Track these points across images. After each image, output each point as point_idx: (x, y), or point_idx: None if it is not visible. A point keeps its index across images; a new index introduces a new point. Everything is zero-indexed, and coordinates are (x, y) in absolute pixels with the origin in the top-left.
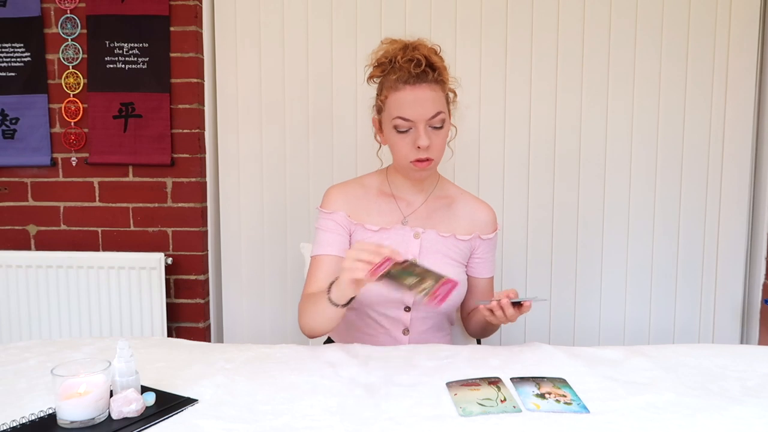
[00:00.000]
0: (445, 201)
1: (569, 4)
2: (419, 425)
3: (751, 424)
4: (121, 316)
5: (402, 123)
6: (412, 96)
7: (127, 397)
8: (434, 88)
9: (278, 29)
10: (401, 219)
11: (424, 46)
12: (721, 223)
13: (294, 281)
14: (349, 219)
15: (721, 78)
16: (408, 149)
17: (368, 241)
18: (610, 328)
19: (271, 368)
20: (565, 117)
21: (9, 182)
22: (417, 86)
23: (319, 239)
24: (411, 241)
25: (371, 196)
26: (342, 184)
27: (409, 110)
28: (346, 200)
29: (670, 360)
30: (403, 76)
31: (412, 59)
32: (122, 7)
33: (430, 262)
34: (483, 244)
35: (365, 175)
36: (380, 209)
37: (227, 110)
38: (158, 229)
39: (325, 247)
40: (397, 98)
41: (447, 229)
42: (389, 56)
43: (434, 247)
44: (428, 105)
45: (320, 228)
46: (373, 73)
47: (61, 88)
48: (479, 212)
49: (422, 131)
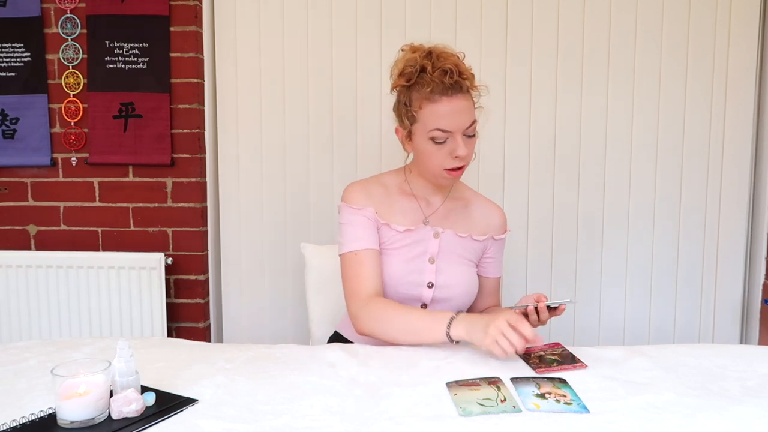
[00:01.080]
0: (462, 202)
1: (569, 3)
2: (419, 425)
3: (751, 424)
4: (121, 316)
5: (440, 135)
6: (449, 107)
7: (127, 397)
8: (467, 97)
9: (278, 29)
10: (423, 219)
11: (448, 54)
12: (721, 223)
13: (294, 281)
14: (377, 217)
15: (721, 77)
16: (444, 158)
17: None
18: (610, 328)
19: (271, 368)
20: (565, 116)
21: (9, 182)
22: (453, 97)
23: (351, 234)
24: (431, 240)
25: (393, 195)
26: (363, 182)
27: (447, 121)
28: (371, 196)
29: (670, 360)
30: (438, 87)
31: (445, 70)
32: (122, 7)
33: (447, 261)
34: (494, 245)
35: (383, 174)
36: (403, 209)
37: (227, 110)
38: (158, 229)
39: (361, 241)
40: (434, 110)
41: (464, 230)
42: (415, 65)
43: (451, 247)
44: (465, 115)
45: (349, 223)
46: (398, 81)
47: (61, 88)
48: (492, 214)
49: (460, 141)
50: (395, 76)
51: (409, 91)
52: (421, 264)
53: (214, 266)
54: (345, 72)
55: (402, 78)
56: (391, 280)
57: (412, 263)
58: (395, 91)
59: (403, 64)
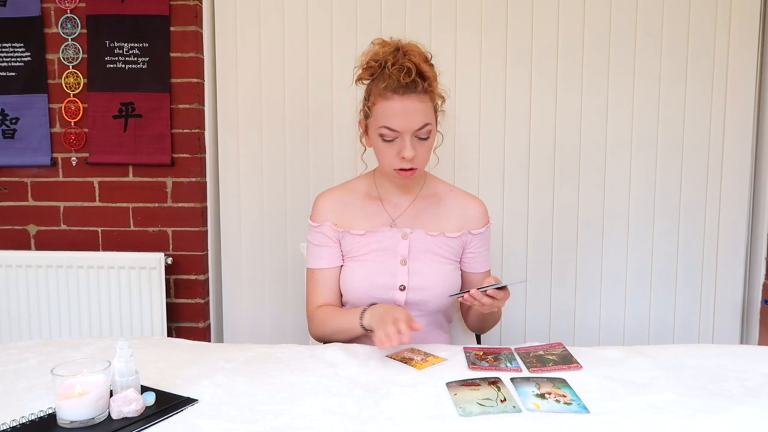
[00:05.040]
0: (433, 199)
1: (569, 3)
2: (419, 425)
3: (751, 424)
4: (121, 316)
5: (388, 133)
6: (400, 106)
7: (127, 396)
8: (423, 98)
9: (278, 29)
10: (389, 221)
11: (415, 51)
12: (721, 223)
13: (294, 281)
14: (335, 228)
15: (721, 77)
16: (392, 158)
17: (356, 243)
18: (610, 328)
19: (271, 368)
20: (564, 116)
21: (9, 182)
22: (406, 96)
23: (311, 252)
24: (399, 242)
25: (358, 200)
26: (329, 191)
27: (396, 121)
28: (332, 207)
29: (670, 360)
30: (392, 85)
31: (402, 67)
32: (122, 7)
33: (420, 262)
34: (474, 239)
35: (354, 179)
36: (367, 213)
37: (227, 110)
38: (158, 229)
39: (318, 260)
40: (385, 107)
41: (435, 228)
42: (379, 59)
43: (423, 247)
44: (416, 117)
45: (311, 241)
46: (362, 75)
47: (61, 87)
48: (468, 207)
49: (408, 143)
50: (360, 69)
51: (370, 85)
52: (392, 267)
53: (214, 266)
54: (345, 72)
55: (365, 72)
56: (362, 287)
57: (382, 266)
58: (360, 83)
59: (368, 57)
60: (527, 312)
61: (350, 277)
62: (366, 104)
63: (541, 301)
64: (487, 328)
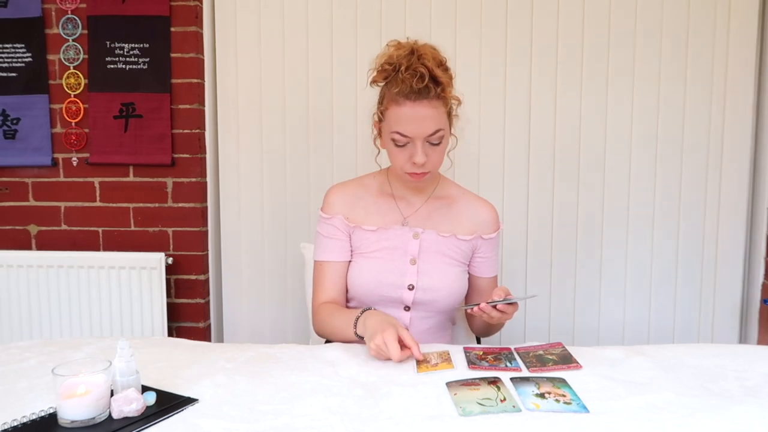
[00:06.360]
0: (446, 201)
1: (569, 3)
2: (419, 425)
3: (750, 424)
4: (122, 315)
5: (400, 138)
6: (411, 113)
7: (127, 396)
8: (435, 104)
9: (278, 29)
10: (401, 219)
11: (429, 55)
12: (720, 223)
13: (294, 281)
14: (346, 222)
15: (721, 77)
16: (404, 162)
17: (367, 240)
18: (610, 328)
19: (271, 368)
20: (564, 116)
21: (10, 182)
22: (418, 102)
23: (320, 244)
24: (410, 241)
25: (371, 195)
26: (342, 184)
27: (407, 127)
28: (345, 201)
29: (670, 360)
30: (404, 90)
31: (416, 72)
32: (123, 7)
33: (430, 262)
34: (485, 244)
35: (366, 175)
36: (379, 209)
37: (227, 110)
38: (158, 229)
39: (327, 253)
40: (397, 113)
41: (447, 230)
42: (393, 63)
43: (434, 247)
44: (427, 123)
45: (320, 233)
46: (376, 78)
47: (62, 88)
48: (481, 212)
49: (419, 148)
50: (374, 72)
51: (384, 89)
52: (401, 266)
53: (215, 266)
54: (345, 72)
55: (379, 75)
56: (370, 284)
57: (391, 264)
58: (375, 85)
59: (382, 60)
60: (527, 312)
61: (358, 274)
62: (380, 108)
63: (541, 300)
64: (493, 332)
